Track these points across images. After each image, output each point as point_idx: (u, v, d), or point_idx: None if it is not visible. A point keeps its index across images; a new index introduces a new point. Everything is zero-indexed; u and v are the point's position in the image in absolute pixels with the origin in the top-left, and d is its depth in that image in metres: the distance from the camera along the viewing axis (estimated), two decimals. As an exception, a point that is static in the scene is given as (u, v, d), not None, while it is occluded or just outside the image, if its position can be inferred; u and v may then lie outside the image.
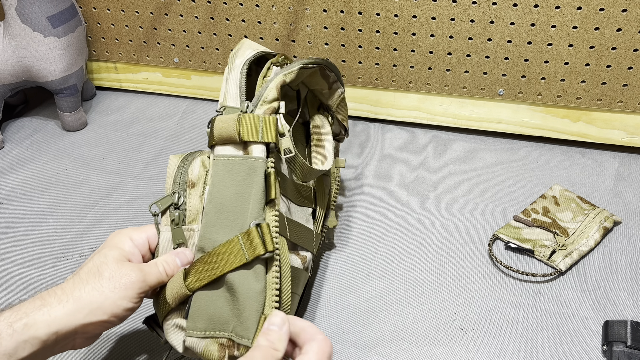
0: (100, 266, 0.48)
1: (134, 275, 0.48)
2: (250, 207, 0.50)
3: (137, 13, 0.96)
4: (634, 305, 0.62)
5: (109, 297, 0.46)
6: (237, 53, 0.59)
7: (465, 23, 0.80)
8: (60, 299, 0.45)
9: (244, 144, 0.53)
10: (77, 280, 0.47)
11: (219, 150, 0.53)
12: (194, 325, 0.48)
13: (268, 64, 0.58)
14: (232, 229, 0.50)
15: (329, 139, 0.68)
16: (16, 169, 0.90)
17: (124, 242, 0.51)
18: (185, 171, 0.54)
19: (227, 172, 0.52)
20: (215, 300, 0.48)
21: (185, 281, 0.49)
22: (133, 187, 0.85)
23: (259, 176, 0.51)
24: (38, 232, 0.78)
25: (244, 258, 0.48)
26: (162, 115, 1.01)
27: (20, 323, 0.43)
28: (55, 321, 0.44)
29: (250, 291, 0.48)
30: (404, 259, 0.70)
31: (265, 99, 0.54)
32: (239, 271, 0.48)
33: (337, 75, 0.65)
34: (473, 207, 0.77)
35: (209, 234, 0.50)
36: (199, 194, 0.53)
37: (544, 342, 0.60)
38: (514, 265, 0.68)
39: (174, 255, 0.51)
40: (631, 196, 0.77)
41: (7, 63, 0.90)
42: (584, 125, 0.84)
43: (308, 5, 0.85)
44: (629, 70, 0.77)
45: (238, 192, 0.51)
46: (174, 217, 0.53)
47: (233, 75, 0.57)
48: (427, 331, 0.61)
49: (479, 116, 0.88)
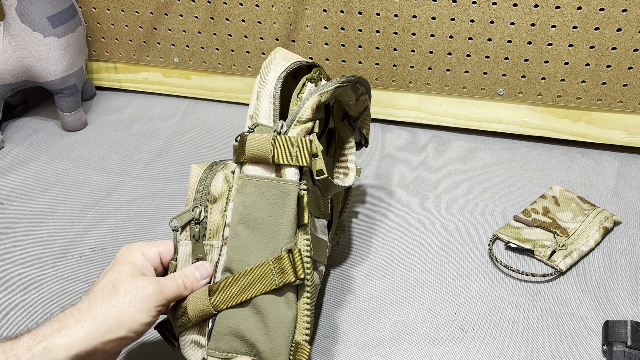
0: (115, 282, 0.47)
1: (151, 288, 0.47)
2: (283, 231, 0.50)
3: (137, 13, 0.96)
4: (634, 305, 0.62)
5: (126, 312, 0.45)
6: (271, 65, 0.57)
7: (465, 23, 0.80)
8: (77, 319, 0.45)
9: (277, 165, 0.52)
10: (93, 298, 0.46)
11: (249, 169, 0.52)
12: (216, 345, 0.48)
13: (303, 81, 0.56)
14: (264, 252, 0.49)
15: (352, 152, 0.66)
16: (16, 169, 0.90)
17: (136, 256, 0.51)
18: (207, 185, 0.53)
19: (260, 194, 0.51)
20: (242, 323, 0.48)
21: (211, 299, 0.49)
22: (133, 187, 0.85)
23: (292, 200, 0.51)
24: (38, 232, 0.78)
25: (274, 284, 0.48)
26: (162, 115, 1.01)
27: (39, 347, 0.43)
28: (75, 343, 0.44)
29: (281, 317, 0.48)
30: (404, 259, 0.70)
31: (300, 119, 0.53)
32: (269, 296, 0.48)
33: (367, 89, 0.63)
34: (473, 207, 0.77)
35: (240, 256, 0.50)
36: (221, 210, 0.52)
37: (544, 342, 0.60)
38: (514, 265, 0.68)
39: (193, 268, 0.51)
40: (631, 196, 0.77)
41: (7, 63, 0.90)
42: (584, 125, 0.84)
43: (308, 5, 0.85)
44: (629, 70, 0.77)
45: (270, 215, 0.50)
46: (194, 232, 0.52)
47: (266, 91, 0.55)
48: (427, 331, 0.61)
49: (479, 116, 0.88)
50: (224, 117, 0.99)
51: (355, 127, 0.67)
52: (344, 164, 0.66)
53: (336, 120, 0.67)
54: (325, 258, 0.60)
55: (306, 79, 0.57)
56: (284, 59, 0.57)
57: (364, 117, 0.66)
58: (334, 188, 0.59)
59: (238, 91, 1.00)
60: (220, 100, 1.02)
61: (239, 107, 1.01)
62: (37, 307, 0.67)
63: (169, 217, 0.78)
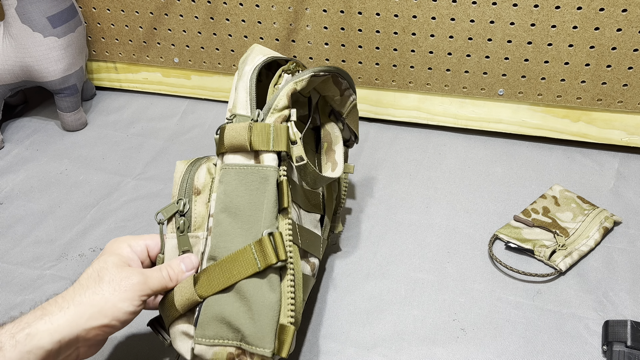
0: (100, 271, 0.48)
1: (135, 278, 0.48)
2: (264, 216, 0.50)
3: (137, 13, 0.96)
4: (634, 305, 0.62)
5: (109, 300, 0.46)
6: (247, 59, 0.59)
7: (465, 23, 0.80)
8: (61, 306, 0.45)
9: (255, 152, 0.53)
10: (77, 286, 0.47)
11: (229, 158, 0.53)
12: (202, 332, 0.48)
13: (279, 72, 0.58)
14: (246, 237, 0.50)
15: (340, 146, 0.67)
16: (16, 169, 0.90)
17: (122, 248, 0.51)
18: (191, 178, 0.54)
19: (239, 182, 0.52)
20: (227, 308, 0.48)
21: (196, 288, 0.49)
22: (133, 187, 0.85)
23: (271, 185, 0.51)
24: (38, 232, 0.78)
25: (256, 267, 0.48)
26: (162, 115, 1.01)
27: (22, 334, 0.43)
28: (58, 329, 0.44)
29: (265, 300, 0.48)
30: (404, 259, 0.70)
31: (276, 107, 0.54)
32: (252, 279, 0.48)
33: (350, 83, 0.64)
34: (473, 207, 0.77)
35: (223, 243, 0.50)
36: (205, 202, 0.53)
37: (544, 342, 0.60)
38: (514, 265, 0.68)
39: (179, 260, 0.51)
40: (631, 196, 0.77)
41: (7, 63, 0.90)
42: (584, 125, 0.84)
43: (308, 5, 0.85)
44: (629, 70, 0.77)
45: (251, 202, 0.51)
46: (179, 224, 0.53)
47: (243, 83, 0.56)
48: (427, 331, 0.61)
49: (479, 116, 0.88)
50: (224, 117, 0.98)
51: (344, 123, 0.68)
52: (331, 157, 0.67)
53: (322, 117, 0.68)
54: (319, 252, 0.61)
55: (282, 70, 0.58)
56: (260, 54, 0.59)
57: (351, 112, 0.67)
58: (322, 180, 0.59)
59: (238, 91, 1.00)
60: (220, 100, 1.02)
61: (239, 107, 1.01)
62: (37, 307, 0.67)
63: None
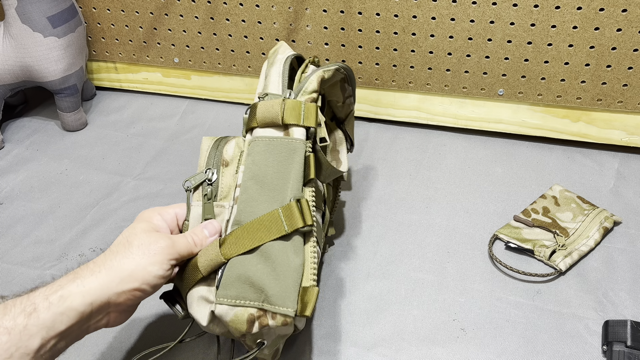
0: (129, 237, 0.49)
1: (163, 242, 0.49)
2: (290, 185, 0.53)
3: (137, 13, 0.96)
4: (634, 305, 0.62)
5: (140, 264, 0.47)
6: (278, 50, 0.64)
7: (465, 23, 0.80)
8: (92, 270, 0.47)
9: (285, 126, 0.56)
10: (108, 252, 0.49)
11: (259, 132, 0.56)
12: (225, 292, 0.49)
13: (306, 62, 0.63)
14: (272, 204, 0.52)
15: (343, 147, 0.73)
16: (16, 169, 0.90)
17: (153, 216, 0.53)
18: (219, 150, 0.57)
19: (269, 152, 0.54)
20: (251, 268, 0.49)
21: (221, 249, 0.50)
22: (133, 187, 0.85)
23: (299, 156, 0.54)
24: (38, 232, 0.78)
25: (283, 230, 0.50)
26: (162, 115, 1.01)
27: (55, 295, 0.44)
28: (90, 292, 0.45)
29: (290, 262, 0.49)
30: (404, 259, 0.70)
31: (306, 89, 0.58)
32: (278, 242, 0.50)
33: (353, 90, 0.69)
34: (473, 207, 0.77)
35: (250, 207, 0.52)
36: (232, 173, 0.56)
37: (544, 342, 0.60)
38: (514, 265, 0.68)
39: (201, 227, 0.53)
40: (631, 196, 0.77)
41: (7, 63, 0.90)
42: (584, 125, 0.84)
43: (308, 5, 0.85)
44: (629, 70, 0.77)
45: (278, 171, 0.54)
46: (206, 192, 0.55)
47: (276, 68, 0.61)
48: (427, 331, 0.61)
49: (479, 116, 0.88)
50: (224, 117, 0.99)
51: (343, 129, 0.73)
52: (336, 156, 0.73)
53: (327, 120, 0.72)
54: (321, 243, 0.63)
55: (309, 61, 0.64)
56: (288, 49, 0.65)
57: (349, 119, 0.72)
58: (333, 172, 0.61)
59: (238, 91, 1.00)
60: (220, 100, 1.02)
61: (239, 107, 1.01)
62: (37, 307, 0.67)
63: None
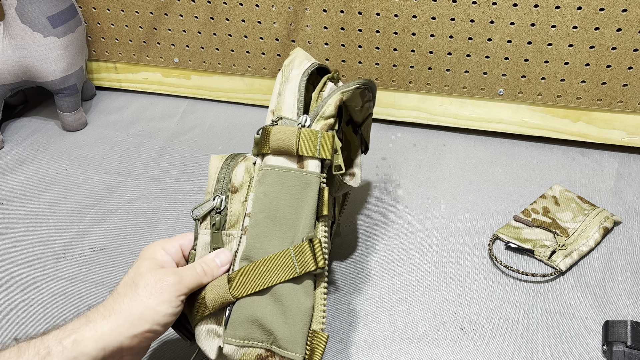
0: (135, 277, 0.48)
1: (170, 279, 0.48)
2: (303, 221, 0.51)
3: (137, 13, 0.96)
4: (634, 305, 0.62)
5: (148, 305, 0.46)
6: (294, 63, 0.59)
7: (465, 23, 0.80)
8: (103, 314, 0.46)
9: (299, 157, 0.53)
10: (116, 295, 0.47)
11: (271, 159, 0.53)
12: (233, 332, 0.48)
13: (325, 79, 0.59)
14: (283, 240, 0.50)
15: (358, 155, 0.68)
16: (16, 169, 0.90)
17: (157, 252, 0.51)
18: (228, 175, 0.54)
19: (281, 184, 0.52)
20: (260, 310, 0.48)
21: (230, 287, 0.49)
22: (133, 187, 0.85)
23: (313, 191, 0.52)
24: (38, 232, 0.78)
25: (294, 272, 0.49)
26: (162, 115, 1.01)
27: (69, 340, 0.44)
28: (102, 337, 0.44)
29: (300, 306, 0.48)
30: (404, 259, 0.70)
31: (323, 114, 0.55)
32: (289, 284, 0.49)
33: (373, 95, 0.65)
34: (473, 207, 0.77)
35: (259, 244, 0.50)
36: (242, 200, 0.53)
37: (544, 342, 0.60)
38: (514, 265, 0.68)
39: (213, 255, 0.51)
40: (631, 196, 0.77)
41: (7, 63, 0.90)
42: (584, 125, 0.84)
43: (308, 5, 0.85)
44: (629, 70, 0.77)
45: (291, 205, 0.51)
46: (214, 221, 0.53)
47: (291, 86, 0.57)
48: (427, 331, 0.61)
49: (479, 116, 0.88)
50: (224, 117, 0.99)
51: (358, 132, 0.69)
52: (349, 166, 0.67)
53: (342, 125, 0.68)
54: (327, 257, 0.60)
55: (327, 77, 0.59)
56: (305, 59, 0.60)
57: (366, 122, 0.68)
58: (343, 188, 0.59)
59: (238, 91, 1.00)
60: (220, 100, 1.02)
61: (239, 107, 1.01)
62: (37, 307, 0.67)
63: (168, 217, 0.78)
